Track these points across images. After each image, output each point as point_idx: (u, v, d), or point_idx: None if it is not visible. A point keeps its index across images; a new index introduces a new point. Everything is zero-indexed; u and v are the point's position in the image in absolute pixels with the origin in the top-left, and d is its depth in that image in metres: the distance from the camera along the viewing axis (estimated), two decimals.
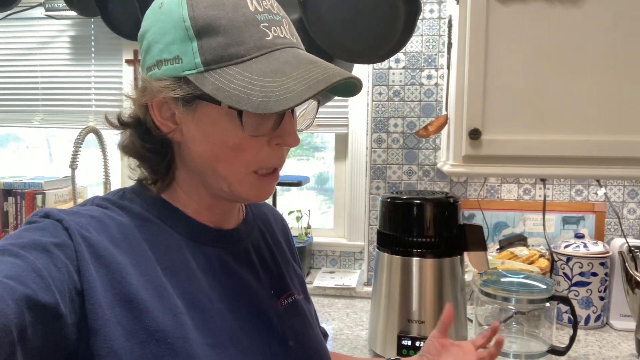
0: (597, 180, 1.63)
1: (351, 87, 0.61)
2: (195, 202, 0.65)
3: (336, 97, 1.62)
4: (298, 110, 0.64)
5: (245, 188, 0.61)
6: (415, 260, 1.17)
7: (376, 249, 1.27)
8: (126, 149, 0.64)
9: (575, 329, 1.15)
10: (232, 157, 0.59)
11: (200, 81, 0.55)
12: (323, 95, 0.65)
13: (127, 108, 0.65)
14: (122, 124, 0.64)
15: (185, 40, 0.56)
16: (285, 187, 2.05)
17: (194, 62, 0.55)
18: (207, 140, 0.59)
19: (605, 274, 1.46)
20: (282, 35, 0.58)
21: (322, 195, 2.11)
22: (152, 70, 0.58)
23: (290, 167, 2.12)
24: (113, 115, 0.65)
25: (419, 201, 1.18)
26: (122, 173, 2.06)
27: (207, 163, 0.60)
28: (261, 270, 0.70)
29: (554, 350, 1.17)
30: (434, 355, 0.84)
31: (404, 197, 1.20)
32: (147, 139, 0.62)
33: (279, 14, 0.60)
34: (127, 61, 2.00)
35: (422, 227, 1.18)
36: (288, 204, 1.97)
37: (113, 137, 1.97)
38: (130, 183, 0.68)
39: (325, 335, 0.88)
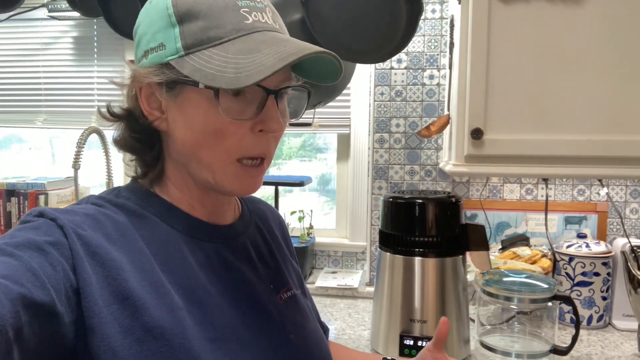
0: (600, 180, 1.63)
1: (333, 71, 0.61)
2: (187, 196, 0.65)
3: (339, 98, 1.62)
4: (289, 99, 0.64)
5: (229, 178, 0.61)
6: (417, 260, 1.17)
7: (378, 249, 1.27)
8: (118, 142, 0.66)
9: (577, 328, 1.15)
10: (214, 143, 0.59)
11: (180, 65, 0.57)
12: (323, 94, 0.65)
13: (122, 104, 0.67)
14: (113, 115, 0.66)
15: (169, 27, 0.58)
16: (287, 188, 2.05)
17: (175, 47, 0.57)
18: (189, 127, 0.60)
19: (608, 274, 1.46)
20: (263, 21, 0.59)
21: (325, 196, 2.11)
22: (141, 61, 0.61)
23: (293, 168, 2.12)
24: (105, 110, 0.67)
25: (421, 201, 1.18)
26: (125, 174, 2.06)
27: (190, 150, 0.61)
28: (260, 265, 0.70)
29: (556, 350, 1.16)
30: None
31: (406, 197, 1.21)
32: (136, 130, 0.64)
33: (262, 2, 0.60)
34: (130, 61, 2.00)
35: (425, 226, 1.18)
36: (290, 205, 1.97)
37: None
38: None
39: (326, 330, 0.88)
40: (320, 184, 2.12)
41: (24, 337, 0.43)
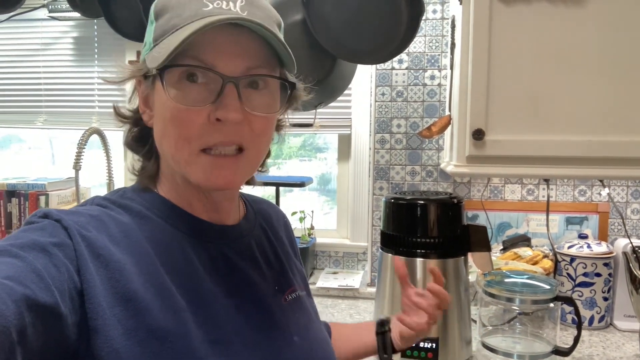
0: (601, 181, 1.63)
1: (287, 56, 0.60)
2: (180, 193, 0.65)
3: (340, 98, 1.62)
4: (257, 88, 0.61)
5: (196, 170, 0.59)
6: (419, 260, 1.17)
7: (380, 250, 1.26)
8: (125, 142, 0.69)
9: (579, 329, 1.15)
10: (172, 132, 0.58)
11: (149, 57, 0.59)
12: (324, 95, 0.64)
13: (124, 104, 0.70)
14: (119, 115, 0.67)
15: (150, 25, 0.61)
16: (287, 188, 2.05)
17: (149, 42, 0.60)
18: (157, 116, 0.61)
19: (609, 275, 1.46)
20: (226, 8, 0.57)
21: (325, 196, 2.11)
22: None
23: (293, 168, 2.12)
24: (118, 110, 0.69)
25: (422, 202, 1.18)
26: (126, 174, 2.06)
27: (158, 141, 0.62)
28: (264, 266, 0.70)
29: (558, 351, 1.16)
30: (405, 311, 0.88)
31: (408, 198, 1.20)
32: (136, 129, 0.67)
33: None
34: (130, 62, 2.00)
35: (426, 227, 1.17)
36: (291, 205, 1.97)
37: (116, 138, 1.98)
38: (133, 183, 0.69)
39: (327, 328, 0.89)
40: (320, 183, 2.12)
41: (27, 338, 0.43)
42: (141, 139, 0.67)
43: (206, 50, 0.56)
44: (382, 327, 0.88)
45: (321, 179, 2.11)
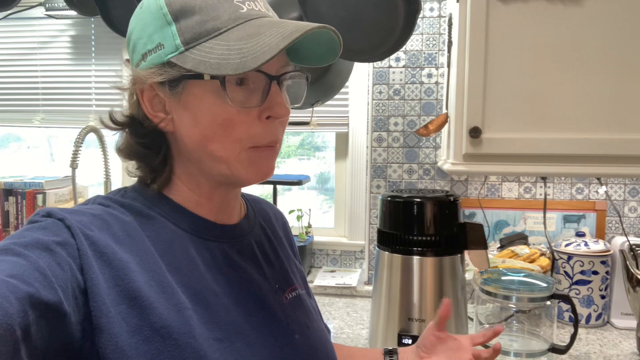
0: (598, 179, 1.63)
1: (331, 46, 0.61)
2: (196, 194, 0.65)
3: (337, 96, 1.62)
4: (290, 85, 0.64)
5: (244, 165, 0.61)
6: (415, 258, 1.17)
7: (377, 248, 1.26)
8: (122, 151, 0.65)
9: (576, 327, 1.15)
10: (224, 135, 0.59)
11: (182, 60, 0.57)
12: (321, 93, 0.65)
13: (123, 107, 0.66)
14: (115, 123, 0.65)
15: (165, 26, 0.58)
16: (286, 187, 2.05)
17: (174, 45, 0.57)
18: (197, 122, 0.59)
19: (607, 273, 1.46)
20: (257, 9, 0.59)
21: (324, 194, 2.11)
22: (139, 65, 0.61)
23: (292, 167, 2.12)
24: (107, 117, 0.65)
25: (419, 200, 1.18)
26: (123, 173, 2.06)
27: (200, 146, 0.60)
28: (265, 265, 0.70)
29: (554, 349, 1.16)
30: (428, 349, 0.84)
31: (404, 196, 1.20)
32: (141, 135, 0.64)
33: None
34: (128, 61, 2.00)
35: (423, 225, 1.17)
36: (289, 203, 1.97)
37: (113, 137, 1.98)
38: (131, 182, 0.68)
39: (327, 331, 0.88)
40: (319, 182, 2.12)
41: (31, 336, 0.43)
42: (152, 145, 0.64)
43: None
44: (392, 358, 0.86)
45: (320, 177, 2.11)
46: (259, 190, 2.04)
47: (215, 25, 0.57)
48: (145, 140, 0.63)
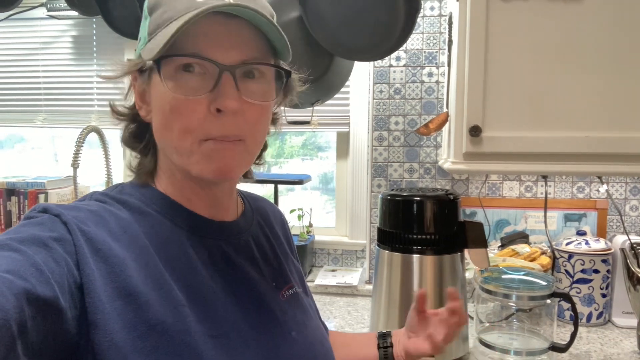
0: (599, 177, 1.63)
1: (283, 44, 0.60)
2: (178, 189, 0.65)
3: (336, 95, 1.62)
4: (253, 77, 0.61)
5: (197, 159, 0.59)
6: (415, 257, 1.17)
7: (377, 247, 1.27)
8: (121, 139, 0.69)
9: (576, 326, 1.15)
10: (172, 123, 0.59)
11: (143, 52, 0.59)
12: (321, 92, 0.64)
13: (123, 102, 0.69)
14: (115, 112, 0.68)
15: (144, 20, 0.62)
16: (289, 187, 2.06)
17: (144, 37, 0.60)
18: (155, 110, 0.61)
19: (607, 271, 1.46)
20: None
21: (327, 195, 2.11)
22: None
23: (294, 167, 2.12)
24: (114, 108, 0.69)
25: (419, 198, 1.18)
26: (125, 172, 2.07)
27: (158, 134, 0.62)
28: (262, 262, 0.70)
29: (555, 347, 1.16)
30: (414, 329, 0.86)
31: (404, 194, 1.20)
32: (133, 126, 0.67)
33: None
34: (129, 60, 2.00)
35: (423, 224, 1.18)
36: (292, 203, 1.96)
37: (115, 137, 1.98)
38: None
39: (326, 329, 0.88)
40: (322, 182, 2.12)
41: (27, 331, 0.43)
42: (138, 135, 0.67)
43: (202, 41, 0.57)
44: (385, 341, 0.87)
45: (323, 177, 2.11)
46: (261, 190, 2.04)
47: (170, 15, 0.57)
48: (134, 129, 0.67)
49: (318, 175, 2.10)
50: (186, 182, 0.64)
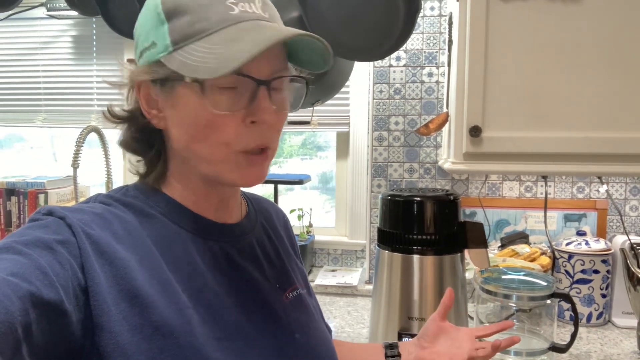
0: (599, 177, 1.63)
1: (321, 56, 0.61)
2: (191, 193, 0.65)
3: (338, 96, 1.62)
4: (281, 89, 0.62)
5: (231, 168, 0.60)
6: (415, 257, 1.17)
7: (377, 247, 1.26)
8: (122, 143, 0.67)
9: (576, 326, 1.15)
10: (207, 136, 0.59)
11: (169, 61, 0.57)
12: (321, 92, 0.64)
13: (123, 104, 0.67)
14: (114, 117, 0.66)
15: (159, 25, 0.58)
16: (289, 187, 2.05)
17: (164, 45, 0.58)
18: (183, 122, 0.60)
19: (607, 272, 1.46)
20: (250, 10, 0.58)
21: (326, 194, 2.11)
22: (138, 62, 0.62)
23: (294, 166, 2.12)
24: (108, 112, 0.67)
25: (419, 199, 1.18)
26: (125, 172, 2.07)
27: (186, 146, 0.61)
28: (266, 264, 0.70)
29: (555, 348, 1.16)
30: (430, 338, 0.84)
31: (404, 195, 1.20)
32: (136, 130, 0.65)
33: None
34: (129, 60, 2.00)
35: (423, 224, 1.17)
36: (292, 203, 1.96)
37: (115, 136, 1.98)
38: (133, 181, 0.68)
39: (329, 330, 0.88)
40: (322, 182, 2.12)
41: (32, 334, 0.43)
42: (146, 141, 0.66)
43: None
44: (392, 351, 0.87)
45: (322, 177, 2.11)
46: (261, 190, 2.04)
47: (203, 26, 0.56)
48: (140, 135, 0.65)
49: (317, 175, 2.10)
50: (200, 187, 0.65)
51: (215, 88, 0.57)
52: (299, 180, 1.72)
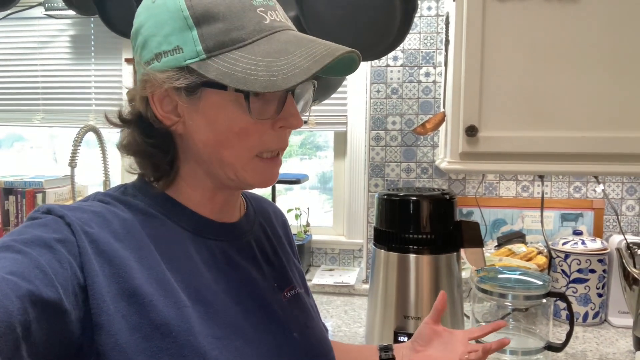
0: (596, 177, 1.63)
1: (349, 64, 0.63)
2: (199, 194, 0.65)
3: (333, 95, 1.62)
4: (300, 93, 0.65)
5: (250, 173, 0.61)
6: (411, 257, 1.17)
7: (373, 246, 1.27)
8: (127, 147, 0.64)
9: (572, 325, 1.15)
10: (237, 143, 0.59)
11: (204, 68, 0.55)
12: (318, 92, 0.65)
13: (126, 106, 0.64)
14: (123, 122, 0.64)
15: (185, 29, 0.56)
16: (288, 186, 2.06)
17: (195, 50, 0.56)
18: (213, 128, 0.59)
19: (604, 271, 1.46)
20: (278, 19, 0.59)
21: (326, 194, 2.11)
22: (151, 64, 0.58)
23: (293, 166, 2.12)
24: (113, 115, 0.65)
25: (415, 198, 1.18)
26: (122, 172, 2.07)
27: (212, 151, 0.60)
28: (264, 263, 0.71)
29: (550, 347, 1.17)
30: (424, 341, 0.85)
31: (400, 194, 1.21)
32: (149, 135, 0.62)
33: (272, 0, 0.61)
34: (127, 60, 2.01)
35: (419, 223, 1.18)
36: (291, 203, 1.96)
37: (112, 136, 1.98)
38: (131, 180, 0.68)
39: (325, 330, 0.89)
40: (321, 182, 2.12)
41: (32, 333, 0.43)
42: (161, 145, 0.63)
43: None
44: (387, 354, 0.87)
45: (322, 177, 2.11)
46: (260, 190, 2.04)
47: (239, 35, 0.56)
48: (153, 140, 0.62)
49: (317, 175, 2.10)
50: (210, 189, 0.65)
51: (253, 97, 0.57)
52: (296, 180, 1.72)
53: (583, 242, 1.48)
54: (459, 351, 0.81)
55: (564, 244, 1.50)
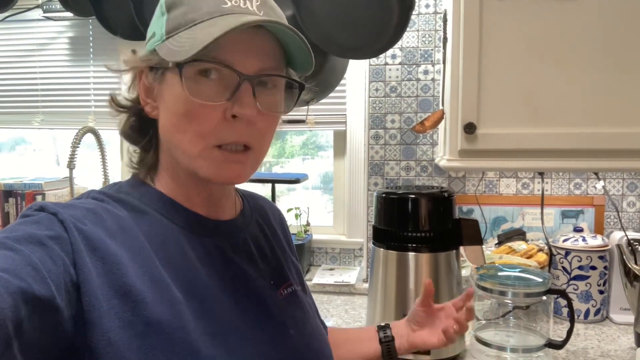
0: (596, 174, 1.62)
1: (307, 56, 0.62)
2: (182, 187, 0.65)
3: (332, 94, 1.62)
4: (268, 85, 0.62)
5: (207, 163, 0.60)
6: (411, 255, 1.17)
7: (372, 244, 1.26)
8: (121, 132, 0.69)
9: (572, 322, 1.15)
10: (186, 126, 0.59)
11: (160, 49, 0.59)
12: (318, 91, 0.64)
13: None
14: (117, 105, 0.68)
15: (160, 16, 0.61)
16: (289, 186, 2.05)
17: (160, 34, 0.60)
18: (167, 110, 0.61)
19: (605, 268, 1.45)
20: (244, 6, 0.59)
21: (329, 194, 2.11)
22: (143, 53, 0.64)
23: (295, 166, 2.12)
24: (119, 99, 0.69)
25: (413, 196, 1.18)
26: (122, 174, 2.07)
27: (168, 135, 0.62)
28: (260, 261, 0.71)
29: (551, 344, 1.16)
30: (419, 323, 0.88)
31: (399, 192, 1.20)
32: (135, 120, 0.67)
33: None
34: (134, 52, 2.00)
35: (417, 221, 1.17)
36: (292, 203, 1.96)
37: (111, 138, 1.98)
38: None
39: (324, 327, 0.89)
40: (324, 182, 2.11)
41: (23, 331, 0.43)
42: (140, 129, 0.67)
43: (224, 48, 0.57)
44: (386, 335, 0.89)
45: (324, 177, 2.11)
46: (260, 190, 2.04)
47: (193, 17, 0.58)
48: (135, 123, 0.67)
49: (319, 175, 2.10)
50: (188, 181, 0.65)
51: (197, 77, 0.58)
52: (295, 180, 1.72)
53: (584, 239, 1.48)
54: (447, 324, 0.85)
55: (564, 241, 1.49)
